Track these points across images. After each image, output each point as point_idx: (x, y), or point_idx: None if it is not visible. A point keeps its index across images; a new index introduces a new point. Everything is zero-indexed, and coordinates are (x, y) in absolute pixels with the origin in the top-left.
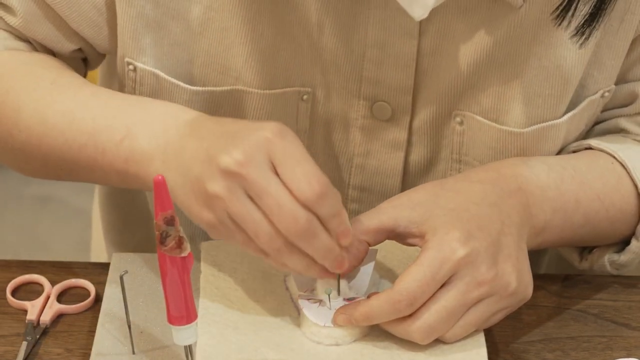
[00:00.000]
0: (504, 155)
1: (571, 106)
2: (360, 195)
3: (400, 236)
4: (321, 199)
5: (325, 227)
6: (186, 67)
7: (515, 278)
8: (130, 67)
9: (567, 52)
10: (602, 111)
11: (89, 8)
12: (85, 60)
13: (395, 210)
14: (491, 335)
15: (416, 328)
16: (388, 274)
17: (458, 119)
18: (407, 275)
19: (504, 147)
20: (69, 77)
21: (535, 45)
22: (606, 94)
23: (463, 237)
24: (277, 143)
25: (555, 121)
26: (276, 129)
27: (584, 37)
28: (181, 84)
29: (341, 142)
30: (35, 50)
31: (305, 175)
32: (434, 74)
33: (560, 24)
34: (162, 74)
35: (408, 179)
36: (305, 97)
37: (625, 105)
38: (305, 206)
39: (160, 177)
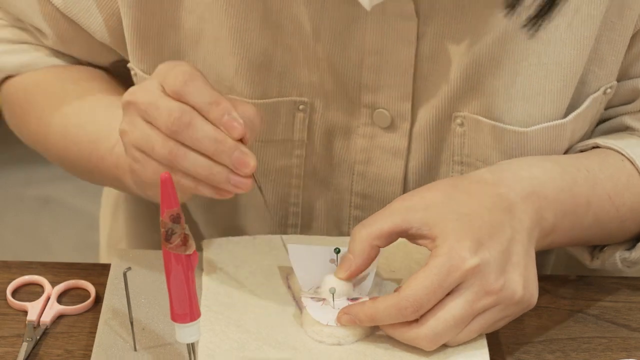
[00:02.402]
0: (506, 155)
1: (575, 105)
2: (362, 202)
3: (411, 237)
4: (186, 85)
5: (208, 118)
6: None
7: (522, 287)
8: (133, 72)
9: (565, 48)
10: (606, 109)
11: (107, 17)
12: None
13: (408, 212)
14: (492, 336)
15: (423, 335)
16: (391, 275)
17: (458, 120)
18: (415, 280)
19: (507, 147)
20: (94, 91)
21: (534, 42)
22: (608, 90)
23: (473, 247)
24: (162, 67)
25: (559, 121)
26: (169, 62)
27: (534, 28)
28: None
29: (342, 149)
30: (78, 61)
31: (175, 73)
32: (433, 78)
33: (509, 13)
34: None
35: (408, 186)
36: (301, 106)
37: (629, 102)
38: (178, 100)
39: (166, 175)
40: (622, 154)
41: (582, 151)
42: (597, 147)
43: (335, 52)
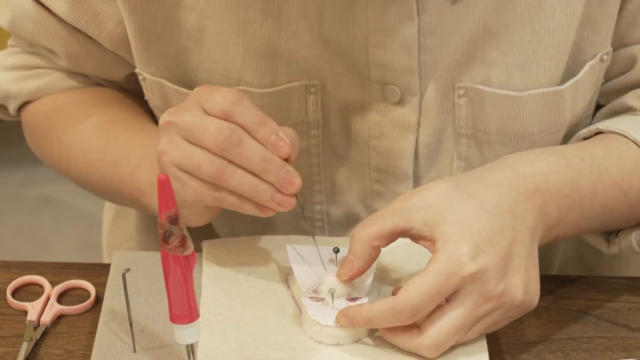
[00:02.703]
0: (507, 123)
1: (572, 74)
2: (379, 177)
3: (411, 237)
4: (235, 105)
5: (255, 138)
6: (193, 73)
7: (522, 291)
8: (141, 77)
9: (555, 13)
10: (606, 80)
11: (114, 24)
12: None
13: (408, 213)
14: (492, 336)
15: (425, 346)
16: (390, 275)
17: (461, 91)
18: (412, 285)
19: (504, 113)
20: (114, 113)
21: (527, 9)
22: (605, 57)
23: (472, 253)
24: (200, 90)
25: (555, 88)
26: (206, 85)
27: None
28: (184, 90)
29: (357, 125)
30: (93, 81)
31: (221, 94)
32: (436, 52)
33: None
34: (166, 83)
35: (419, 161)
36: (312, 89)
37: (626, 71)
38: (226, 119)
39: (164, 176)
40: (625, 137)
41: (585, 138)
42: (599, 132)
43: (340, 33)
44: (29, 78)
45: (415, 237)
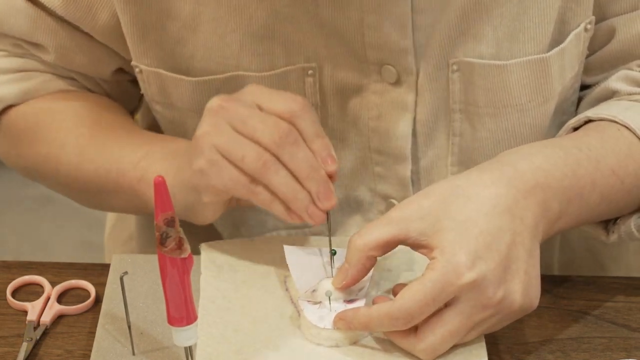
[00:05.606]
0: (494, 94)
1: (558, 42)
2: (380, 159)
3: (409, 246)
4: (303, 110)
5: (309, 147)
6: (189, 62)
7: (521, 295)
8: (137, 69)
9: None
10: (588, 55)
11: (107, 17)
12: (135, 83)
13: (405, 222)
14: (491, 336)
15: (421, 349)
16: (389, 275)
17: (455, 66)
18: (409, 291)
19: (494, 85)
20: (109, 117)
21: None
22: (588, 26)
23: (470, 261)
24: (259, 88)
25: (540, 55)
26: (263, 87)
27: None
28: (183, 77)
29: (355, 106)
30: (80, 84)
31: (286, 97)
32: (429, 30)
33: None
34: (163, 72)
35: (417, 140)
36: (310, 72)
37: (606, 44)
38: (288, 120)
39: (160, 178)
40: (616, 122)
41: (575, 128)
42: (589, 121)
43: (335, 15)
44: (15, 81)
45: (413, 246)
